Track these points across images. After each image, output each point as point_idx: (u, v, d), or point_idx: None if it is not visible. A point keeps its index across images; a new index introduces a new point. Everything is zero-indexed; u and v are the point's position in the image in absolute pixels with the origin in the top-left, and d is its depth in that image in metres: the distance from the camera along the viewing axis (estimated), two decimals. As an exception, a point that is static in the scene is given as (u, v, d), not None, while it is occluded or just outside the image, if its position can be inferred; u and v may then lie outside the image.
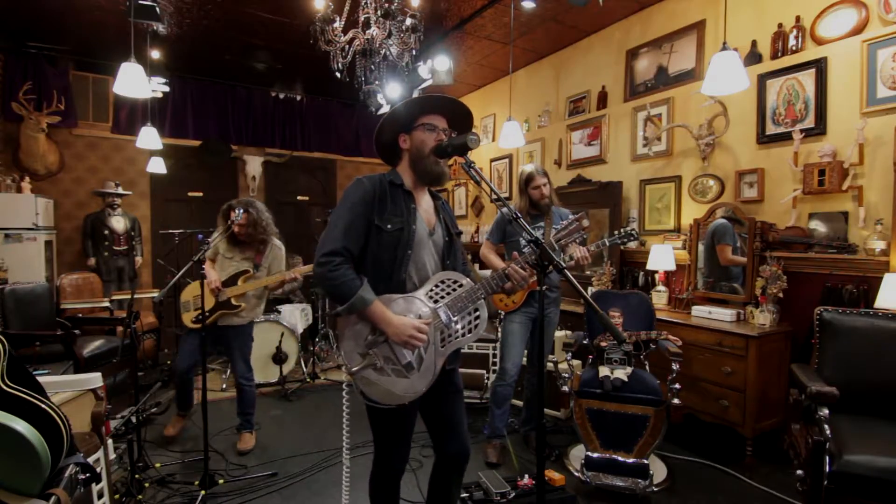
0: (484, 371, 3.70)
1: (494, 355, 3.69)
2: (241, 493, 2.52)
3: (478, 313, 1.53)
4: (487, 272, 2.99)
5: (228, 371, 4.28)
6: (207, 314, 2.81)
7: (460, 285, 1.53)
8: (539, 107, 4.96)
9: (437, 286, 1.54)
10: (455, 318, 1.51)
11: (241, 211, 2.92)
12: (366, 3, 2.93)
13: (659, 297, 3.43)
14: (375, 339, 1.50)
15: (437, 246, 1.63)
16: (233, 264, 3.04)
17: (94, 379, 2.20)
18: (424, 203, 1.65)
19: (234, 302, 2.96)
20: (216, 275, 2.98)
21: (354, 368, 1.49)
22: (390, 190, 1.58)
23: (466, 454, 1.71)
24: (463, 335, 1.53)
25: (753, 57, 3.15)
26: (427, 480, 1.80)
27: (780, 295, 2.82)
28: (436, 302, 1.52)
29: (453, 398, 1.68)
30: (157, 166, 4.93)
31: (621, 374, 2.57)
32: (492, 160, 5.65)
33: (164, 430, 3.17)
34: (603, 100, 4.28)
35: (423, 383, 1.51)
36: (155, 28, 4.01)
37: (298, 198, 6.53)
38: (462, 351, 1.68)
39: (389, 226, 1.53)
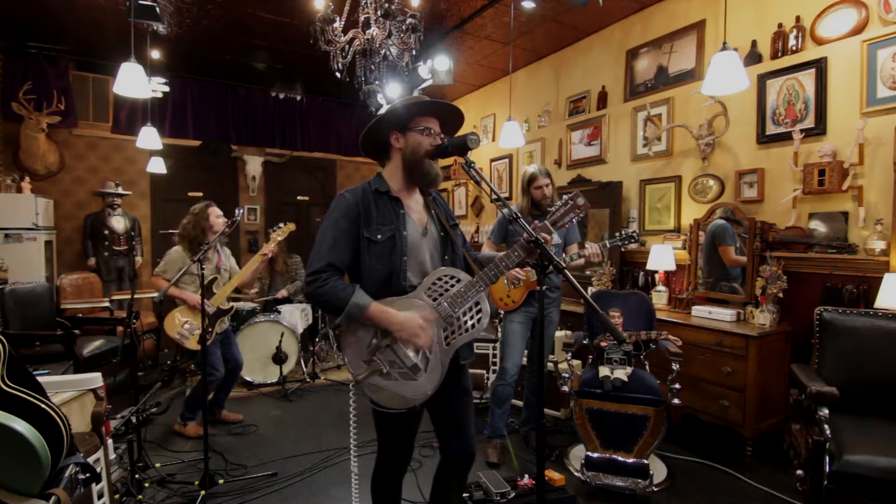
0: (484, 371, 3.70)
1: (494, 355, 3.69)
2: (241, 493, 2.52)
3: (479, 306, 1.51)
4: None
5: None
6: (210, 329, 2.98)
7: (458, 280, 1.51)
8: (539, 107, 4.96)
9: (434, 284, 1.52)
10: (457, 314, 1.50)
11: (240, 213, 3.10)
12: (366, 3, 2.93)
13: (659, 297, 3.43)
14: (379, 344, 1.48)
15: (433, 244, 1.62)
16: (196, 278, 2.97)
17: (94, 379, 2.20)
18: (414, 203, 1.63)
19: (224, 307, 3.12)
20: (190, 293, 3.03)
21: (360, 377, 1.47)
22: (375, 199, 1.55)
23: (469, 456, 1.70)
24: (466, 330, 1.51)
25: (753, 57, 3.15)
26: (426, 480, 1.80)
27: (780, 295, 2.82)
28: (435, 300, 1.51)
29: (461, 400, 1.67)
30: (157, 166, 4.93)
31: (621, 374, 2.56)
32: (492, 160, 5.65)
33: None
34: (603, 100, 4.28)
35: (431, 384, 1.50)
36: (155, 28, 4.00)
37: (298, 198, 6.54)
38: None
39: (379, 236, 1.51)
